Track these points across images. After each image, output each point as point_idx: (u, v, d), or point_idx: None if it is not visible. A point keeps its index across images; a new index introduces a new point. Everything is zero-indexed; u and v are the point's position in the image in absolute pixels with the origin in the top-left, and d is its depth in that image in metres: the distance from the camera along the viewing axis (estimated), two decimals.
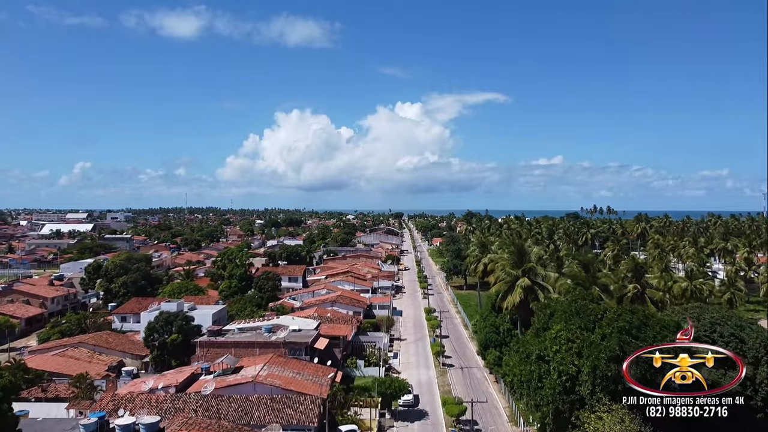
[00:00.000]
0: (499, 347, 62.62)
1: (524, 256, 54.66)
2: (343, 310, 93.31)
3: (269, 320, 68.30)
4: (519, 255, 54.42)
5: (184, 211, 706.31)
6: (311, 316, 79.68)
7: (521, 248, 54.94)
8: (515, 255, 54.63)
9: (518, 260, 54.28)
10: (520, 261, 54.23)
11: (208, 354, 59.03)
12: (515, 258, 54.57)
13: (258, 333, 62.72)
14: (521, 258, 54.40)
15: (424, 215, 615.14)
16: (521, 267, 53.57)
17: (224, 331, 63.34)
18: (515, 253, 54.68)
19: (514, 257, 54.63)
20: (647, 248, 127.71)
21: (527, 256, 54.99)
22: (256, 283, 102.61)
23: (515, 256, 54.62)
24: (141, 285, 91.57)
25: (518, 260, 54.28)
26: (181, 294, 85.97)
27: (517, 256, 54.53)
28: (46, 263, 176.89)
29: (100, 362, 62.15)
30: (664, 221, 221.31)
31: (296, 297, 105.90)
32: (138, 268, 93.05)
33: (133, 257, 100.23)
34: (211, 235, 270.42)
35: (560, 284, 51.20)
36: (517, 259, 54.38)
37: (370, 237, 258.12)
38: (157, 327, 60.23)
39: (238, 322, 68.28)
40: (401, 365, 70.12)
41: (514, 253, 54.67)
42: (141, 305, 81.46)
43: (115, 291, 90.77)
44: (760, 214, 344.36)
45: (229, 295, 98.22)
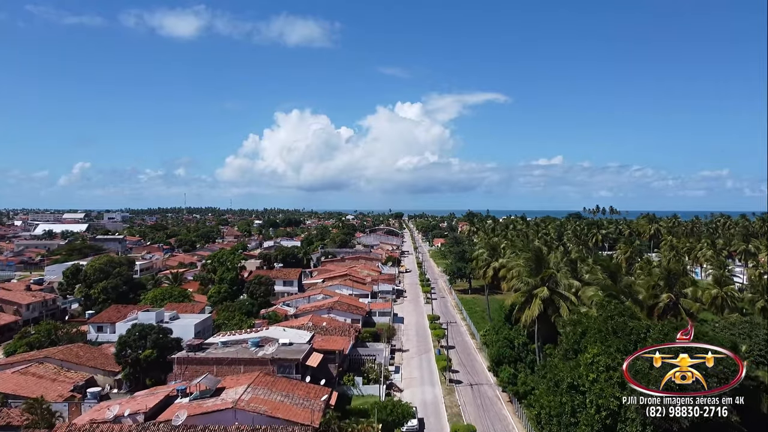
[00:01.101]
0: (513, 363, 55.98)
1: (542, 262, 47.89)
2: (340, 317, 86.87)
3: (258, 332, 61.59)
4: (537, 261, 47.68)
5: (182, 212, 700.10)
6: (305, 325, 73.15)
7: (539, 253, 48.20)
8: (532, 261, 47.91)
9: (536, 267, 47.54)
10: (538, 268, 47.49)
11: (187, 372, 52.35)
12: (532, 265, 47.82)
13: (244, 347, 56.01)
14: (539, 265, 47.66)
15: (425, 215, 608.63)
16: (539, 275, 46.83)
17: (206, 345, 56.64)
18: (532, 259, 47.94)
19: (531, 264, 47.89)
20: (661, 250, 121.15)
21: (546, 263, 48.22)
22: (247, 288, 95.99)
23: (532, 263, 47.88)
24: (122, 291, 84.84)
25: (536, 267, 47.54)
26: (164, 301, 79.27)
27: (534, 262, 47.79)
28: (33, 265, 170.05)
29: (67, 380, 55.42)
30: (672, 221, 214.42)
31: (290, 303, 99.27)
32: (119, 273, 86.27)
33: (114, 260, 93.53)
34: (206, 235, 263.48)
35: (589, 295, 44.46)
36: (535, 266, 47.63)
37: (369, 238, 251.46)
38: (129, 341, 53.54)
39: (223, 334, 61.57)
40: (403, 381, 63.44)
41: (531, 260, 47.94)
42: (120, 313, 74.82)
43: (94, 297, 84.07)
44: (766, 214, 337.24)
45: (218, 301, 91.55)
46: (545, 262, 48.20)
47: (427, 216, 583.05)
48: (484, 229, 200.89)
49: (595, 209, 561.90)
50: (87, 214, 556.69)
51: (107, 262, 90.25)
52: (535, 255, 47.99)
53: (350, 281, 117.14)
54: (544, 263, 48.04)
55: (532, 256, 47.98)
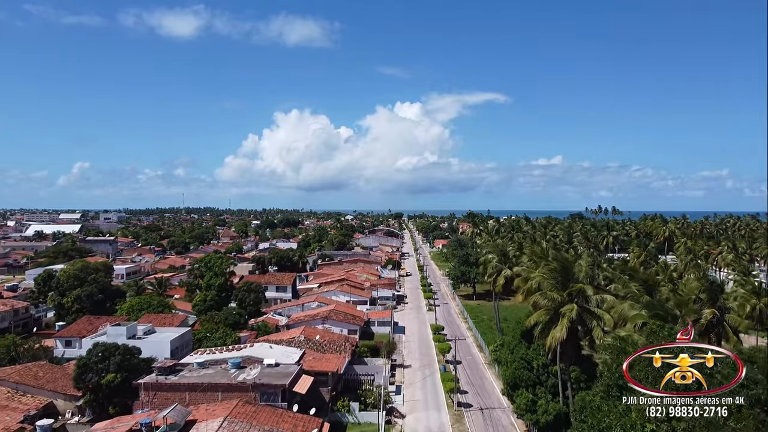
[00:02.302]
0: (532, 387, 48.95)
1: (570, 274, 40.73)
2: (336, 328, 79.89)
3: (241, 350, 54.53)
4: (563, 273, 40.55)
5: (180, 212, 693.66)
6: (296, 339, 66.17)
7: (565, 264, 40.98)
8: (558, 273, 40.82)
9: (562, 280, 40.43)
10: (564, 281, 40.34)
11: (156, 399, 45.32)
12: (558, 277, 40.69)
13: (223, 369, 48.96)
14: (566, 277, 40.52)
15: (425, 216, 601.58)
16: (567, 289, 39.73)
17: (180, 366, 49.56)
18: (557, 270, 40.87)
19: (557, 276, 40.80)
20: (678, 253, 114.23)
21: (574, 274, 41.09)
22: (235, 296, 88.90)
23: (558, 274, 40.77)
24: (98, 299, 77.75)
25: (562, 280, 40.43)
26: (141, 312, 72.18)
27: (560, 274, 40.70)
28: (17, 268, 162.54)
29: (21, 407, 48.30)
30: (681, 222, 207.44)
31: (283, 311, 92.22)
32: (95, 279, 79.20)
33: (90, 266, 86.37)
34: (201, 237, 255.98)
35: (631, 314, 37.32)
36: (561, 279, 40.52)
37: (368, 239, 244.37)
38: (90, 363, 46.45)
39: (202, 352, 54.50)
40: (406, 404, 56.37)
41: (557, 271, 40.87)
42: (91, 326, 67.79)
43: (67, 306, 77.02)
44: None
45: (203, 309, 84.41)
46: (573, 274, 41.13)
47: (427, 216, 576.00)
48: (487, 230, 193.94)
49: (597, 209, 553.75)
50: (84, 214, 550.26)
51: (82, 268, 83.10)
52: (561, 265, 40.85)
53: (348, 287, 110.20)
54: (572, 275, 40.95)
55: (558, 266, 40.86)
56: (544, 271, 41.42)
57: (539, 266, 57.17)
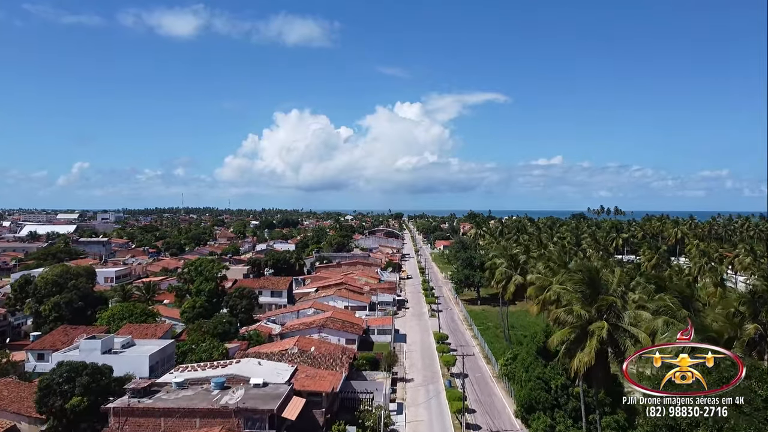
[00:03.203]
0: (550, 410, 43.84)
1: (599, 286, 35.34)
2: (333, 337, 74.89)
3: (226, 366, 49.32)
4: (590, 285, 35.18)
5: (180, 212, 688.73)
6: (288, 351, 61.05)
7: (593, 274, 35.54)
8: (584, 285, 35.48)
9: (590, 293, 35.07)
10: (593, 294, 35.00)
11: (127, 427, 40.15)
12: (585, 289, 35.30)
13: (204, 391, 43.79)
14: (594, 289, 35.14)
15: (425, 216, 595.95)
16: (596, 304, 34.46)
17: (157, 386, 44.39)
18: (584, 281, 35.51)
19: (584, 287, 35.44)
20: (690, 256, 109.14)
21: (603, 286, 35.68)
22: (226, 302, 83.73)
23: (585, 286, 35.43)
24: (78, 307, 72.59)
25: (590, 293, 35.07)
26: (123, 321, 66.99)
27: (587, 286, 35.36)
28: (5, 270, 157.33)
29: None
30: (689, 223, 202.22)
31: (277, 318, 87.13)
32: (75, 285, 73.99)
33: (71, 271, 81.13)
34: (197, 237, 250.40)
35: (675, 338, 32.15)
36: (589, 292, 35.16)
37: (368, 240, 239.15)
38: (53, 385, 41.29)
39: (183, 369, 49.29)
40: (408, 425, 51.23)
41: (583, 282, 35.55)
42: (67, 337, 62.63)
43: (44, 315, 71.86)
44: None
45: (192, 317, 79.30)
46: (602, 286, 35.86)
47: (428, 216, 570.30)
48: (490, 231, 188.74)
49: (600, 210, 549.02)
50: (82, 214, 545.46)
51: (62, 273, 77.88)
52: (588, 277, 35.56)
53: (346, 291, 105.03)
54: (601, 287, 35.68)
55: (584, 277, 35.55)
56: (568, 282, 36.14)
57: (556, 274, 52.03)
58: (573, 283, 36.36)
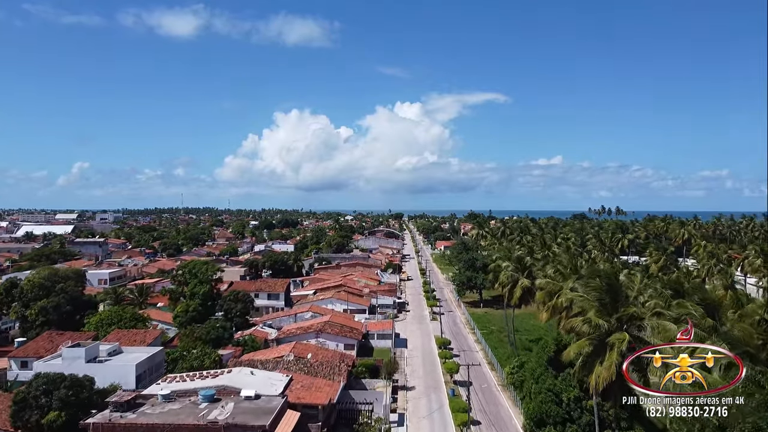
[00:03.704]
0: (561, 425, 41.05)
1: (619, 294, 32.47)
2: (331, 342, 72.17)
3: (217, 376, 46.50)
4: (610, 293, 32.30)
5: (179, 212, 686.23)
6: (284, 358, 58.28)
7: (612, 281, 32.67)
8: (603, 292, 32.57)
9: (610, 302, 32.12)
10: (612, 303, 32.06)
11: None
12: (604, 298, 32.37)
13: (192, 404, 40.98)
14: (614, 298, 32.23)
15: (425, 216, 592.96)
16: (616, 314, 31.59)
17: (142, 398, 41.60)
18: (603, 289, 32.59)
19: (603, 295, 32.54)
20: (699, 258, 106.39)
21: (623, 294, 32.82)
22: (221, 306, 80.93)
23: (603, 294, 32.51)
24: (66, 311, 69.81)
25: (610, 302, 32.12)
26: (111, 326, 64.17)
27: (606, 293, 32.47)
28: None
29: None
30: (693, 223, 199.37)
31: (273, 322, 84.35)
32: (63, 289, 71.18)
33: (59, 274, 78.31)
34: (195, 238, 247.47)
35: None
36: (609, 300, 32.21)
37: (368, 241, 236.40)
38: (29, 398, 38.48)
39: (171, 379, 46.47)
40: None
41: (602, 289, 32.65)
42: (53, 343, 59.79)
43: (31, 319, 69.05)
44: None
45: (185, 322, 76.49)
46: (623, 294, 32.97)
47: (428, 216, 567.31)
48: (491, 232, 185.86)
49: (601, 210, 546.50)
50: (81, 214, 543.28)
51: (49, 276, 75.11)
52: (607, 284, 32.65)
53: (345, 294, 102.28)
54: (622, 296, 32.81)
55: (602, 284, 32.61)
56: (582, 288, 33.25)
57: (566, 278, 49.21)
58: (590, 290, 33.46)
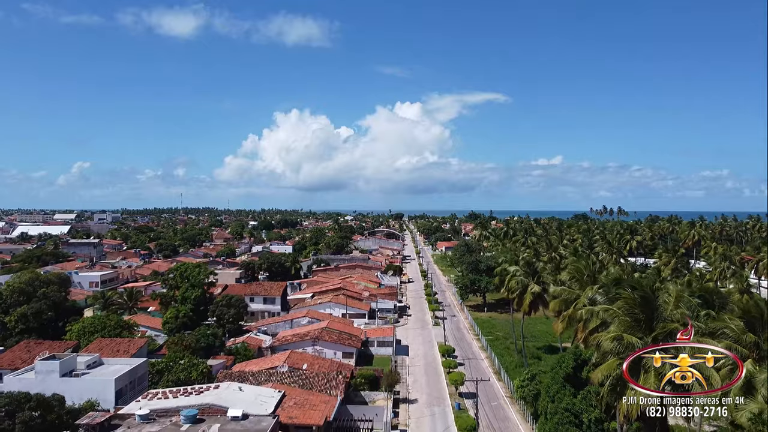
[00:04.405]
0: None
1: (653, 309, 28.49)
2: (328, 350, 68.49)
3: (201, 393, 42.60)
4: (643, 307, 28.21)
5: (178, 212, 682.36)
6: (278, 369, 54.54)
7: (646, 294, 28.61)
8: (635, 306, 28.47)
9: (644, 316, 28.11)
10: (647, 318, 28.00)
11: None
12: (636, 311, 28.32)
13: (173, 425, 37.10)
14: (649, 312, 28.25)
15: (425, 216, 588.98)
16: (652, 333, 27.50)
17: (118, 419, 37.75)
18: (636, 302, 28.45)
19: (636, 310, 28.37)
20: (711, 260, 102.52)
21: (658, 309, 28.75)
22: (212, 312, 77.09)
23: (637, 308, 28.39)
24: (47, 318, 66.03)
25: (644, 316, 28.11)
26: (95, 334, 60.28)
27: (641, 307, 28.32)
28: None
29: None
30: (699, 224, 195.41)
31: (268, 328, 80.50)
32: (45, 294, 67.40)
33: (41, 278, 74.50)
34: (192, 239, 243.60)
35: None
36: (642, 314, 28.18)
37: (368, 242, 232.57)
38: None
39: (152, 396, 42.57)
40: None
41: (635, 303, 28.50)
42: (30, 354, 55.87)
43: (10, 327, 65.20)
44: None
45: (175, 328, 72.70)
46: (658, 309, 28.90)
47: (428, 217, 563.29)
48: (494, 233, 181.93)
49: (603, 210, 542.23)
50: (79, 214, 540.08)
51: (30, 281, 71.29)
52: (642, 296, 28.69)
53: (344, 297, 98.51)
54: (657, 310, 28.77)
55: (637, 298, 28.57)
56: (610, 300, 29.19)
57: (584, 285, 45.33)
58: (621, 302, 29.45)
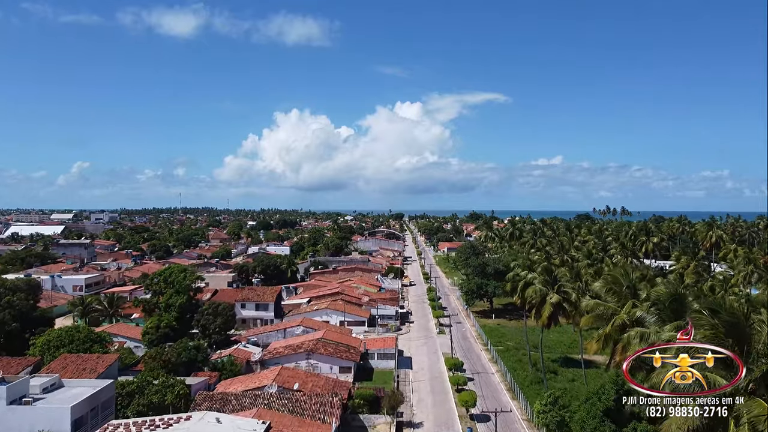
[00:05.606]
0: None
1: (745, 336, 22.28)
2: (324, 365, 62.27)
3: (171, 426, 36.08)
4: (734, 333, 21.96)
5: (177, 212, 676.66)
6: (266, 389, 48.15)
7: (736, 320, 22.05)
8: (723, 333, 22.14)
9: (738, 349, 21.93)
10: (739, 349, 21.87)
11: None
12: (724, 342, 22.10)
13: None
14: (741, 340, 22.03)
15: (426, 216, 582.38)
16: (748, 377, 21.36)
17: None
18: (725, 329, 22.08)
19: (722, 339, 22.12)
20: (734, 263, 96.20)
21: (750, 338, 22.56)
22: (197, 321, 70.62)
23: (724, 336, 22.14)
24: (12, 330, 59.58)
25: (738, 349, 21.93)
26: (61, 349, 53.71)
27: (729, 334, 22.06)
28: None
29: None
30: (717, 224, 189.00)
31: (259, 338, 74.07)
32: (10, 303, 60.99)
33: (7, 285, 67.93)
34: (188, 239, 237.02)
35: None
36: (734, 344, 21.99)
37: (368, 242, 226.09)
38: None
39: (113, 428, 36.02)
40: None
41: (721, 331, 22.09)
42: None
43: None
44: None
45: (156, 340, 66.24)
46: (750, 339, 22.47)
47: (429, 217, 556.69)
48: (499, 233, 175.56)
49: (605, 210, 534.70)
50: (77, 214, 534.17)
51: None
52: (730, 324, 22.37)
53: (342, 303, 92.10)
54: (747, 338, 22.38)
55: (725, 323, 22.26)
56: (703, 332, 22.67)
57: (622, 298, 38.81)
58: (707, 330, 23.03)
